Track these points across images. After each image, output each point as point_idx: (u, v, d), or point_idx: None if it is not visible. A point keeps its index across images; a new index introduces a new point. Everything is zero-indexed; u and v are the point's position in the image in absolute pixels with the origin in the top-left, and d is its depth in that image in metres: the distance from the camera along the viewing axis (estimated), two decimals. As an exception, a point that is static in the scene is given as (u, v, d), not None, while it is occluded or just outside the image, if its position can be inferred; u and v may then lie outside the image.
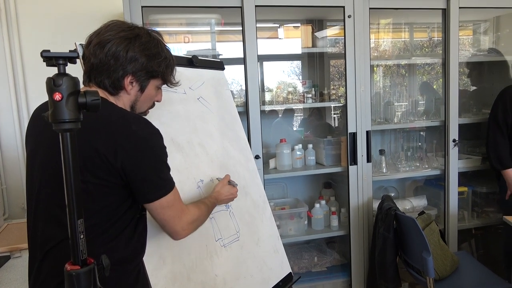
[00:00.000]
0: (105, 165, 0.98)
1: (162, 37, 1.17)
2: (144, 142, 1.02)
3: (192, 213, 1.17)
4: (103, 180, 0.99)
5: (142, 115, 1.19)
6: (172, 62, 1.17)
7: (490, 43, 3.01)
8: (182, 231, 1.13)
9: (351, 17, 2.23)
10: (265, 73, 2.73)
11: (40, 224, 1.06)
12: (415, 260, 1.94)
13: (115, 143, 0.99)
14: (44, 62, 0.72)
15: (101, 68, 1.06)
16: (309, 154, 2.50)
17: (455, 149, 2.47)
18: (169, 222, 1.10)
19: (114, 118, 1.02)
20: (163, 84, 1.19)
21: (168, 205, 1.08)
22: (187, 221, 1.14)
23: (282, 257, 1.74)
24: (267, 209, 1.75)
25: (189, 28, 2.56)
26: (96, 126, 0.98)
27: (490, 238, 2.84)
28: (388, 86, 2.95)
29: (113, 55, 1.05)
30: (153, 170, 1.05)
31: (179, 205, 1.12)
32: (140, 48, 1.07)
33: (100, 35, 1.07)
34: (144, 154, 1.02)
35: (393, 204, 2.15)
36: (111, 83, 1.07)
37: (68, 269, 0.73)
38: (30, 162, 1.11)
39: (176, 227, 1.11)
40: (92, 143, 0.97)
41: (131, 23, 1.13)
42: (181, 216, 1.12)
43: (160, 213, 1.08)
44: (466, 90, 3.07)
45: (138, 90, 1.12)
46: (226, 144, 1.66)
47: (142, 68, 1.09)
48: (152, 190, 1.05)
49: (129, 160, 1.00)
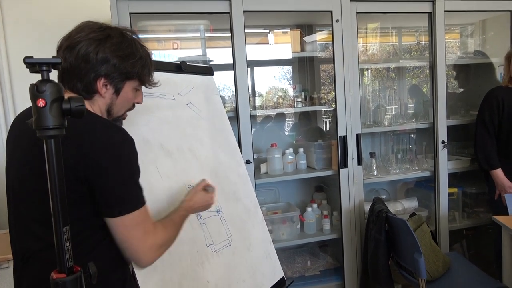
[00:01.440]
0: (70, 174, 0.91)
1: (137, 36, 1.12)
2: (110, 149, 0.96)
3: (160, 237, 1.05)
4: (70, 191, 0.91)
5: (120, 118, 1.15)
6: (149, 61, 1.12)
7: (476, 46, 3.06)
8: (145, 257, 1.02)
9: (339, 22, 2.25)
10: (256, 78, 2.74)
11: (19, 235, 1.04)
12: (407, 262, 1.95)
13: (79, 151, 0.93)
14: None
15: (72, 72, 1.02)
16: (300, 158, 2.51)
17: (444, 151, 2.50)
18: (132, 244, 0.99)
19: (81, 124, 0.94)
20: (141, 85, 1.14)
21: (132, 224, 0.98)
22: (153, 246, 1.03)
23: (275, 262, 1.73)
24: (258, 214, 1.74)
25: (178, 34, 2.57)
26: (64, 134, 0.94)
27: (481, 238, 2.86)
28: (378, 90, 2.98)
29: (83, 57, 1.01)
30: (116, 181, 0.96)
31: (144, 226, 1.01)
32: (111, 49, 1.03)
33: (71, 38, 1.03)
34: (108, 162, 0.95)
35: (384, 206, 2.16)
36: (84, 86, 1.03)
37: (54, 278, 0.72)
38: (8, 171, 1.09)
39: (139, 252, 1.01)
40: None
41: (103, 24, 1.08)
42: (146, 239, 1.01)
43: (122, 232, 0.98)
44: (454, 92, 3.11)
45: (113, 93, 1.07)
46: (217, 149, 1.66)
47: (114, 70, 1.04)
48: (113, 204, 0.96)
49: (92, 168, 0.94)
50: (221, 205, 1.57)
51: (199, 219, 1.45)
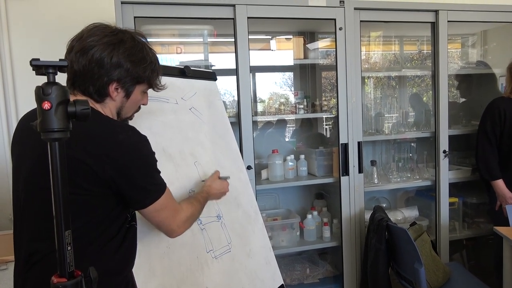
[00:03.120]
0: (91, 176, 0.96)
1: (146, 39, 1.15)
2: (132, 150, 1.01)
3: (186, 211, 1.19)
4: (90, 191, 0.97)
5: (128, 119, 1.18)
6: (157, 66, 1.15)
7: (478, 56, 3.07)
8: (177, 228, 1.16)
9: (342, 30, 2.26)
10: (258, 84, 2.74)
11: (26, 237, 1.03)
12: (407, 271, 1.93)
13: (102, 154, 0.97)
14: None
15: (84, 75, 1.03)
16: (301, 165, 2.50)
17: (446, 160, 2.50)
18: (164, 222, 1.12)
19: (100, 128, 1.00)
20: (149, 88, 1.17)
21: (162, 208, 1.09)
22: (182, 220, 1.16)
23: (274, 269, 1.72)
24: (259, 220, 1.74)
25: (182, 39, 2.57)
26: (81, 137, 0.94)
27: (481, 248, 2.85)
28: (379, 98, 2.98)
29: (97, 61, 1.02)
30: (143, 178, 1.04)
31: (172, 205, 1.14)
32: (125, 54, 1.05)
33: (83, 40, 1.03)
34: (133, 163, 1.01)
35: (384, 215, 2.15)
36: (96, 90, 1.04)
37: (55, 282, 0.71)
38: (16, 172, 1.08)
39: (172, 225, 1.14)
40: (78, 155, 0.94)
41: (114, 27, 1.09)
42: (175, 215, 1.14)
43: (155, 216, 1.09)
44: (456, 102, 3.11)
45: (123, 96, 1.10)
46: (218, 154, 1.66)
47: (127, 74, 1.06)
48: (145, 197, 1.05)
49: (118, 170, 0.98)
50: (221, 211, 1.56)
51: (200, 224, 1.45)
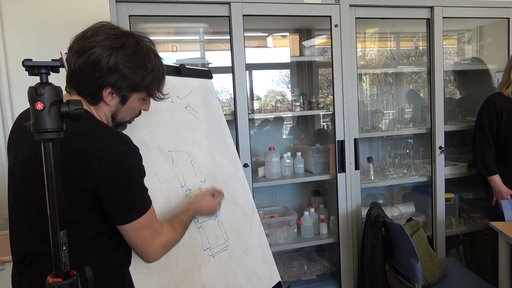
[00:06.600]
0: (74, 184, 0.93)
1: (154, 45, 1.08)
2: (117, 161, 0.96)
3: (166, 235, 1.11)
4: (73, 200, 0.93)
5: (126, 123, 1.14)
6: (161, 74, 1.09)
7: (473, 52, 3.07)
8: (155, 254, 1.09)
9: (338, 27, 2.26)
10: (254, 82, 2.74)
11: (19, 237, 1.03)
12: (403, 267, 1.95)
13: (86, 162, 0.92)
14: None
15: (79, 76, 0.99)
16: (297, 162, 2.51)
17: (441, 156, 2.51)
18: (141, 245, 1.05)
19: (87, 134, 0.95)
20: (148, 97, 1.12)
21: (141, 227, 1.02)
22: (161, 244, 1.09)
23: (272, 266, 1.73)
24: (256, 217, 1.74)
25: (177, 37, 2.57)
26: (67, 143, 0.85)
27: (477, 244, 2.87)
28: (376, 94, 2.99)
29: (92, 64, 0.97)
30: (126, 192, 0.98)
31: (153, 226, 1.06)
32: (123, 60, 0.99)
33: (84, 39, 0.99)
34: (116, 175, 0.96)
35: (381, 211, 2.16)
36: (89, 93, 1.01)
37: (50, 282, 0.71)
38: (11, 171, 1.07)
39: (148, 250, 1.06)
40: (62, 161, 0.91)
41: (120, 30, 1.04)
42: (155, 238, 1.06)
43: (133, 236, 1.02)
44: (452, 98, 3.12)
45: (118, 102, 1.05)
46: (215, 152, 1.66)
47: (123, 81, 1.01)
48: (124, 213, 0.99)
49: (101, 180, 0.94)
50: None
51: (196, 222, 1.45)
